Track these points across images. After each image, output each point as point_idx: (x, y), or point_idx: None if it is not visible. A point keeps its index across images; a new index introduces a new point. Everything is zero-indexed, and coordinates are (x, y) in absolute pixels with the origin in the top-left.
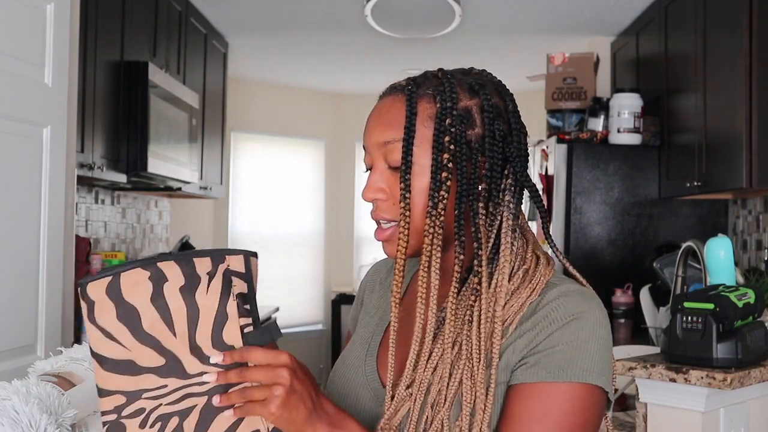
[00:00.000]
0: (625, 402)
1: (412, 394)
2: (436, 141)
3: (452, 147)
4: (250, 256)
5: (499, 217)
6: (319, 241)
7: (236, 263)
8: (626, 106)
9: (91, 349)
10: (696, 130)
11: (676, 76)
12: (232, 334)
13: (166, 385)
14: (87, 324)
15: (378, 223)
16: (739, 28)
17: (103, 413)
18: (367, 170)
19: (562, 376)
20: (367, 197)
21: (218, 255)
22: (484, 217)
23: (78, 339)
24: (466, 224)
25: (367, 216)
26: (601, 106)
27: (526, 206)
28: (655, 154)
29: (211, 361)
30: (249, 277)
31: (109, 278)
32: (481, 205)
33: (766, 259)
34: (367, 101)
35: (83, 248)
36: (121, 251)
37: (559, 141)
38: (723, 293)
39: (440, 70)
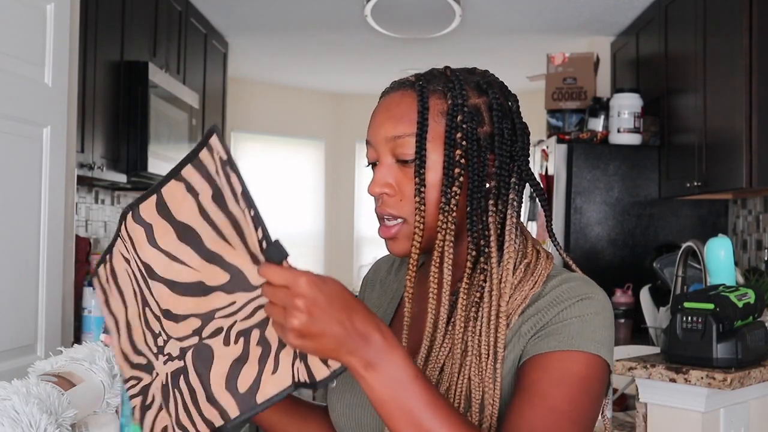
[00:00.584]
0: (625, 402)
1: None
2: (449, 137)
3: (464, 143)
4: (215, 132)
5: (504, 215)
6: (319, 241)
7: (218, 146)
8: (626, 106)
9: (156, 273)
10: (696, 130)
11: (676, 76)
12: (255, 245)
13: (234, 302)
14: (147, 249)
15: (382, 219)
16: (739, 28)
17: (182, 339)
18: (369, 165)
19: (575, 345)
20: (374, 191)
21: (206, 144)
22: (494, 214)
23: (78, 339)
24: (477, 221)
25: (367, 216)
26: (601, 106)
27: (525, 206)
28: (655, 154)
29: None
30: (233, 164)
31: (154, 197)
32: (491, 202)
33: (766, 259)
34: (367, 101)
35: (83, 248)
36: None
37: (559, 141)
38: (723, 293)
39: (446, 67)
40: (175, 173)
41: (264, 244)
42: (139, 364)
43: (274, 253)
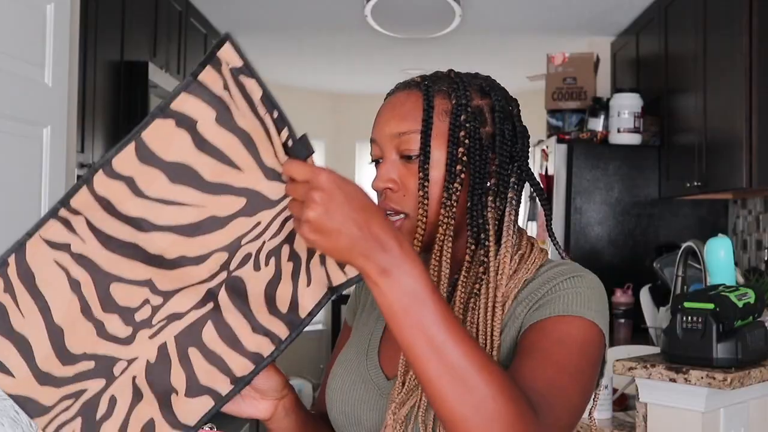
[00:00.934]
0: (625, 402)
1: (419, 386)
2: (452, 135)
3: (467, 141)
4: (228, 39)
5: (502, 211)
6: None
7: (230, 56)
8: (626, 106)
9: (152, 224)
10: (696, 130)
11: (676, 76)
12: (280, 151)
13: (259, 222)
14: (133, 203)
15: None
16: (739, 28)
17: (210, 278)
18: (372, 162)
19: (570, 311)
20: (378, 186)
21: (212, 59)
22: (492, 210)
23: None
24: (477, 216)
25: None
26: (601, 106)
27: (525, 206)
28: (655, 154)
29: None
30: (252, 68)
31: (131, 145)
32: (490, 199)
33: (766, 259)
34: (367, 101)
35: None
36: None
37: (559, 141)
38: (723, 293)
39: (450, 70)
40: (159, 113)
41: (290, 143)
42: (81, 373)
43: (299, 149)
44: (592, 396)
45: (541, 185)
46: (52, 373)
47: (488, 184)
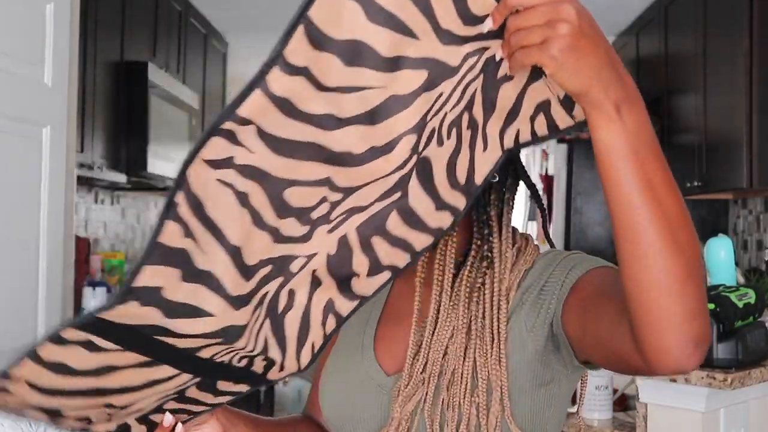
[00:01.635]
0: (625, 402)
1: (424, 380)
2: None
3: None
4: None
5: (500, 209)
6: None
7: None
8: None
9: (339, 119)
10: (696, 130)
11: (676, 76)
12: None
13: (441, 94)
14: (320, 98)
15: None
16: (739, 29)
17: (402, 166)
18: None
19: (598, 264)
20: None
21: None
22: (494, 207)
23: None
24: (482, 212)
25: None
26: None
27: (525, 206)
28: None
29: (484, 30)
30: None
31: (301, 28)
32: (492, 197)
33: (766, 259)
34: None
35: (83, 248)
36: (120, 251)
37: (560, 141)
38: (723, 293)
39: None
40: None
41: None
42: (261, 279)
43: None
44: (579, 395)
45: (537, 187)
46: (242, 294)
47: (491, 182)
